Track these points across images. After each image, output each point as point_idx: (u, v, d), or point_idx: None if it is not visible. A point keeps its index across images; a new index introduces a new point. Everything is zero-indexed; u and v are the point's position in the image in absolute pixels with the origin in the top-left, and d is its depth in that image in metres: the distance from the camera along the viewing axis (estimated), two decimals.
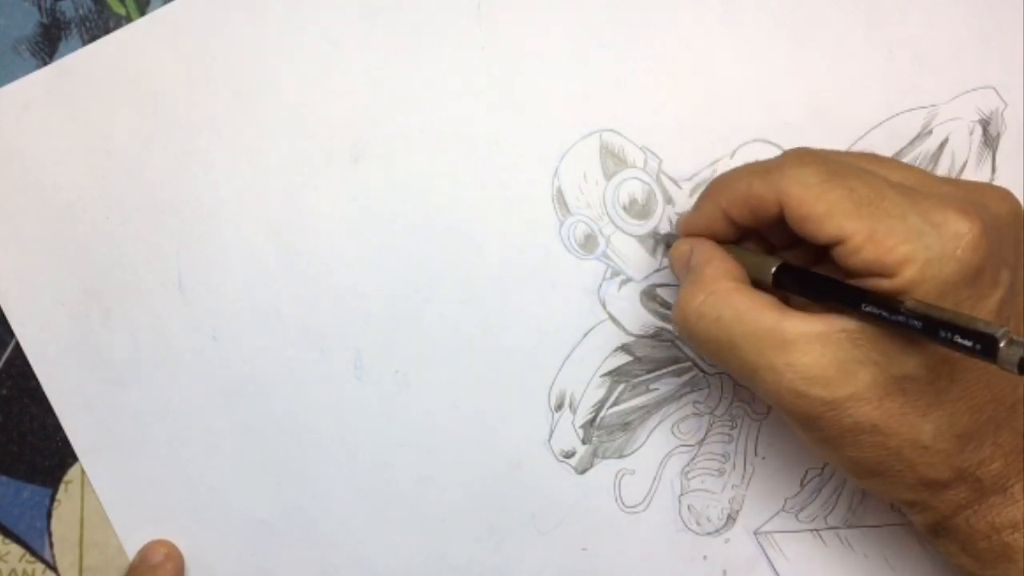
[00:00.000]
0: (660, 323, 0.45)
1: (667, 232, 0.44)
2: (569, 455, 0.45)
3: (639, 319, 0.45)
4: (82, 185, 0.44)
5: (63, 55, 0.43)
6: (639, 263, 0.44)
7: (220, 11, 0.43)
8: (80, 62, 0.43)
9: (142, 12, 0.43)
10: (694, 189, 0.44)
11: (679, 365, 0.45)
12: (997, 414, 0.36)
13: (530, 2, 0.43)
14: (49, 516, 0.46)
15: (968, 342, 0.31)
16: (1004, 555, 0.36)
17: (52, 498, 0.46)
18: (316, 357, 0.45)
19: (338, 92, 0.43)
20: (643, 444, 0.46)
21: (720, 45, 0.44)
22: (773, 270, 0.38)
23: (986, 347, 0.31)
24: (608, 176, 0.44)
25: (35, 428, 0.45)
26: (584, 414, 0.45)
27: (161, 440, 0.45)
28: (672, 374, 0.45)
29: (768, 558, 0.46)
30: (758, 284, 0.38)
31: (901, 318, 0.33)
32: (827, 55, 0.44)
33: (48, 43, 0.43)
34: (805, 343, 0.35)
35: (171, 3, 0.43)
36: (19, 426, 0.45)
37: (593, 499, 0.46)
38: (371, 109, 0.43)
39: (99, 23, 0.43)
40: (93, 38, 0.43)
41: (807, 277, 0.37)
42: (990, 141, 0.45)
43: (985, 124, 0.44)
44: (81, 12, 0.43)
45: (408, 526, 0.46)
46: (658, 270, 0.44)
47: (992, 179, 0.45)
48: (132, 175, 0.44)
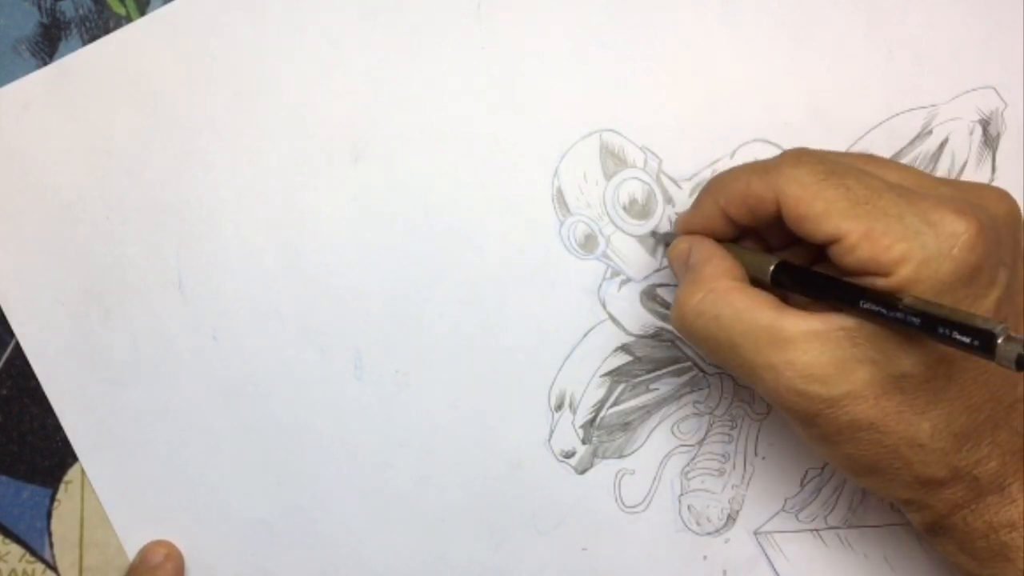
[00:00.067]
0: (660, 323, 0.45)
1: (666, 231, 0.44)
2: (569, 455, 0.45)
3: (639, 319, 0.45)
4: (82, 185, 0.44)
5: (63, 55, 0.43)
6: (639, 263, 0.44)
7: (220, 11, 0.43)
8: (80, 62, 0.43)
9: (142, 12, 0.43)
10: (694, 189, 0.44)
11: (679, 365, 0.45)
12: (995, 414, 0.36)
13: (530, 2, 0.43)
14: (49, 516, 0.46)
15: (966, 338, 0.31)
16: (1002, 554, 0.36)
17: (52, 498, 0.46)
18: (316, 357, 0.45)
19: (338, 92, 0.43)
20: (643, 444, 0.46)
21: (720, 45, 0.44)
22: (772, 268, 0.38)
23: (984, 343, 0.31)
24: (608, 176, 0.44)
25: (35, 428, 0.45)
26: (584, 414, 0.45)
27: (161, 440, 0.45)
28: (672, 374, 0.45)
29: (768, 558, 0.46)
30: (757, 282, 0.38)
31: (899, 315, 0.33)
32: (827, 55, 0.44)
33: (48, 43, 0.43)
34: (804, 341, 0.35)
35: (171, 3, 0.43)
36: (19, 426, 0.45)
37: (593, 499, 0.46)
38: (371, 109, 0.43)
39: (99, 23, 0.43)
40: (93, 38, 0.43)
41: (806, 275, 0.37)
42: (990, 141, 0.45)
43: (985, 124, 0.44)
44: (81, 12, 0.43)
45: (408, 526, 0.46)
46: (658, 270, 0.44)
47: (992, 179, 0.45)
48: (132, 175, 0.44)
